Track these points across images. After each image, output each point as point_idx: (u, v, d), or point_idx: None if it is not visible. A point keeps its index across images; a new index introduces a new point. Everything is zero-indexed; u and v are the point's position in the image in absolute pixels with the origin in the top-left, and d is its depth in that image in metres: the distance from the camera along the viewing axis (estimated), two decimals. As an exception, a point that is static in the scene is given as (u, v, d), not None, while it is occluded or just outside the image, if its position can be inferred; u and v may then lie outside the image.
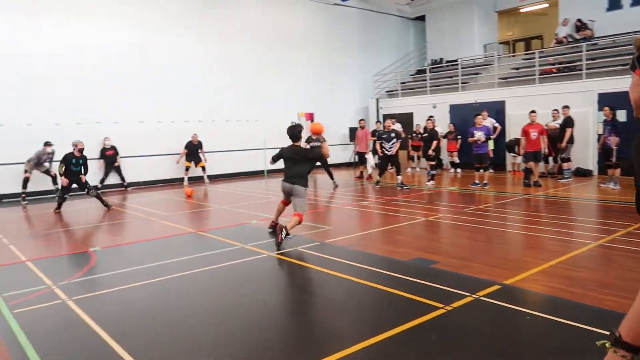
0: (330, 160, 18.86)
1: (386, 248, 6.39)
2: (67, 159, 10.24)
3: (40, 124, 13.04)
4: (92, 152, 13.13)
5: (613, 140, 10.92)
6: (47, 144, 12.42)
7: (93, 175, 13.36)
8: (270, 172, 17.50)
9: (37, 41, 13.03)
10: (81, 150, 10.39)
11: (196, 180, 15.41)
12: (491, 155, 13.11)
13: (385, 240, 6.84)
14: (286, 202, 7.28)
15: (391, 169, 14.15)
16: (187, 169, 15.07)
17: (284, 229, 6.50)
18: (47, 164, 12.56)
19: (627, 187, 10.69)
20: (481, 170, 12.03)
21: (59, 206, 10.41)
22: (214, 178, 16.15)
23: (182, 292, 4.92)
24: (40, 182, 12.82)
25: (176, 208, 10.95)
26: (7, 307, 4.53)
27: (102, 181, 13.98)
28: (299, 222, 6.73)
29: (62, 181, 10.39)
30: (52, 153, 12.54)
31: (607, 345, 1.48)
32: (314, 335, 3.83)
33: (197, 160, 15.16)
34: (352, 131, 18.81)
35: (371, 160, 14.98)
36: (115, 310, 4.43)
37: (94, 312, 4.32)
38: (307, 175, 7.00)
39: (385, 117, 19.11)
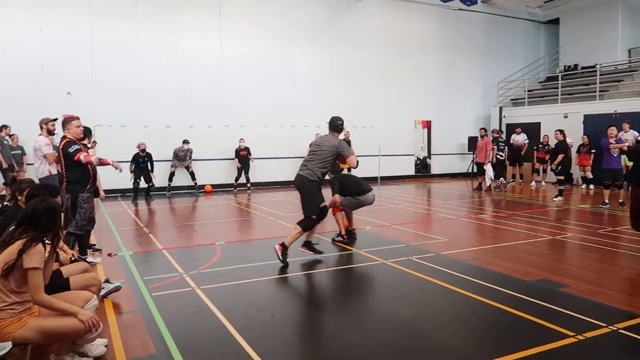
0: (445, 170, 18.52)
1: (507, 265, 6.01)
2: (135, 158, 12.76)
3: (178, 126, 14.48)
4: (228, 153, 14.70)
5: None
6: (185, 142, 14.10)
7: (227, 174, 14.47)
8: (383, 179, 17.44)
9: (203, 51, 14.46)
10: (144, 150, 12.81)
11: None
12: (624, 172, 11.68)
13: (506, 257, 6.44)
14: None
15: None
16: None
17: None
18: (187, 160, 14.19)
19: None
20: (615, 189, 10.78)
21: (136, 197, 12.82)
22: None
23: (300, 291, 5.09)
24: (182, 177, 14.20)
25: (293, 209, 11.37)
26: (147, 290, 5.05)
27: (236, 179, 15.06)
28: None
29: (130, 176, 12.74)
30: (189, 150, 14.11)
31: None
32: (428, 349, 3.72)
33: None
34: (472, 141, 18.07)
35: (490, 171, 14.24)
36: (238, 303, 4.71)
37: (219, 302, 4.64)
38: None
39: (509, 126, 18.12)
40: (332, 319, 4.28)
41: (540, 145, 15.61)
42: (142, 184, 12.91)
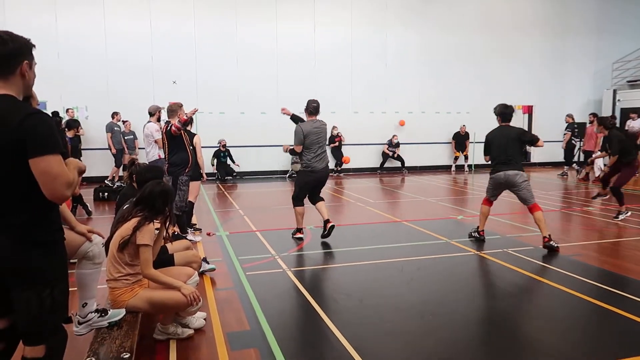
0: (548, 158, 17.27)
1: (616, 263, 5.52)
2: (216, 154, 13.89)
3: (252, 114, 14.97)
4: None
5: None
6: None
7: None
8: (476, 167, 16.72)
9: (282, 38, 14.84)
10: (224, 146, 13.98)
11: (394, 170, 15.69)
12: None
13: (614, 254, 5.92)
14: (491, 202, 6.52)
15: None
16: (455, 158, 16.47)
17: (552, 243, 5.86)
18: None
19: None
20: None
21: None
22: (413, 170, 16.24)
23: (388, 278, 5.06)
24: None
25: (382, 196, 11.31)
26: (242, 269, 5.32)
27: (335, 165, 15.41)
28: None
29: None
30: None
31: None
32: (518, 347, 3.54)
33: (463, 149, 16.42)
34: (580, 127, 16.67)
35: (600, 161, 13.05)
36: (327, 286, 4.81)
37: (309, 285, 4.77)
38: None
39: (623, 111, 16.47)
40: (420, 309, 4.21)
41: (661, 133, 14.00)
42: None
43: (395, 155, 15.80)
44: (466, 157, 16.46)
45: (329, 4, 15.27)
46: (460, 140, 16.41)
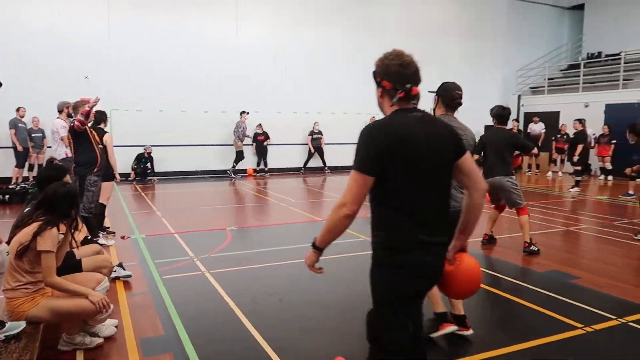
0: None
1: (518, 256, 5.97)
2: (138, 157, 13.28)
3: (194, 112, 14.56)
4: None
5: None
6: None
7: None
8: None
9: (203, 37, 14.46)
10: (149, 154, 13.46)
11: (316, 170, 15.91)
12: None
13: (518, 248, 6.38)
14: (498, 205, 6.44)
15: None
16: None
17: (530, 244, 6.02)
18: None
19: None
20: (638, 180, 10.60)
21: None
22: (335, 169, 16.57)
23: (308, 277, 5.09)
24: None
25: (305, 196, 11.40)
26: (158, 273, 5.14)
27: (258, 164, 15.30)
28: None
29: None
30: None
31: None
32: (439, 339, 3.73)
33: None
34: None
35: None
36: (246, 287, 4.76)
37: (228, 286, 4.70)
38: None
39: (527, 115, 17.82)
40: (341, 306, 4.30)
41: (559, 135, 15.33)
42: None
43: (320, 146, 15.80)
44: None
45: (251, 2, 15.14)
46: None
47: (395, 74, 2.11)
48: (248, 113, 14.54)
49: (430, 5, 18.05)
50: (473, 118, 18.39)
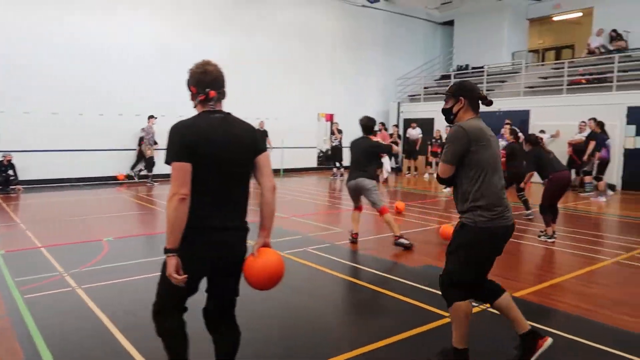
0: (348, 162, 18.84)
1: (397, 253, 6.33)
2: None
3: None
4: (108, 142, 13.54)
5: (597, 155, 11.50)
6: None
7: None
8: (287, 171, 17.51)
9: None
10: (9, 161, 12.05)
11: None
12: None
13: (393, 245, 6.78)
14: (357, 207, 6.96)
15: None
16: None
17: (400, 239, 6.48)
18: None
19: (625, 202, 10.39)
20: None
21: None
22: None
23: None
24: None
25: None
26: (18, 292, 4.62)
27: (133, 167, 14.59)
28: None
29: None
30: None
31: None
32: (317, 337, 3.80)
33: None
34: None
35: (387, 164, 14.90)
36: (122, 302, 4.47)
37: (102, 302, 4.37)
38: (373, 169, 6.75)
39: (406, 121, 19.04)
40: (222, 313, 4.20)
41: (434, 140, 16.59)
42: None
43: None
44: None
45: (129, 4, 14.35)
46: None
47: (198, 81, 2.54)
48: (156, 118, 13.80)
49: (313, 14, 18.54)
50: (356, 121, 19.46)
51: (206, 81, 2.53)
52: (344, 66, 19.50)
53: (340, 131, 16.62)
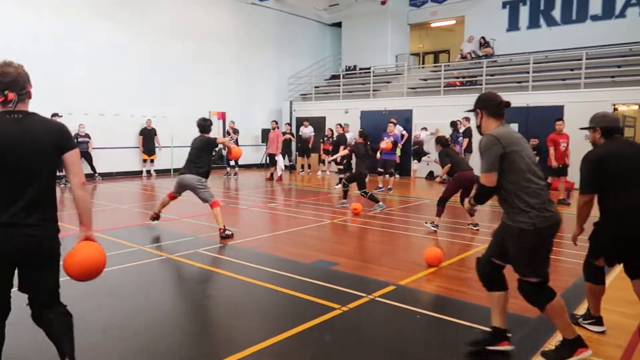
0: (241, 161, 18.72)
1: (291, 250, 6.39)
2: None
3: None
4: None
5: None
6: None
7: None
8: (176, 170, 16.83)
9: None
10: None
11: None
12: (397, 161, 13.70)
13: (290, 242, 6.85)
14: (173, 196, 7.41)
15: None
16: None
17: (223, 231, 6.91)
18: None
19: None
20: (386, 176, 12.48)
21: None
22: (107, 176, 15.32)
23: (72, 295, 4.54)
24: None
25: (69, 206, 10.18)
26: None
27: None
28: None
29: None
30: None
31: None
32: (211, 338, 3.72)
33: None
34: (265, 132, 18.75)
35: (281, 162, 15.02)
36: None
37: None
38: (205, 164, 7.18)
39: (298, 119, 19.32)
40: (106, 324, 3.94)
41: (326, 138, 17.02)
42: None
43: (87, 151, 14.26)
44: (152, 162, 16.26)
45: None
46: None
47: None
48: (62, 116, 12.68)
49: (204, 14, 18.05)
50: (253, 119, 19.37)
51: (4, 82, 2.58)
52: (236, 64, 19.24)
53: (235, 131, 16.36)
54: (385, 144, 11.93)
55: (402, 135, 15.41)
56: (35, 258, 2.67)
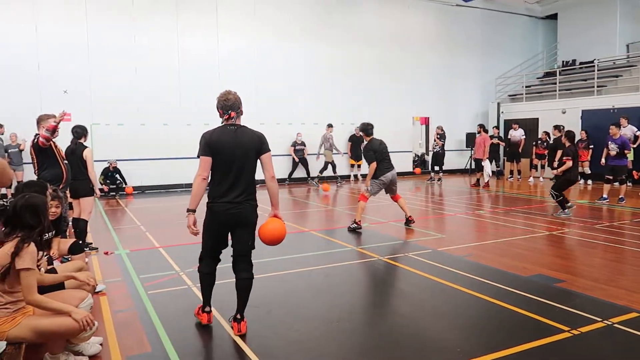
0: (444, 166, 18.35)
1: (503, 261, 6.01)
2: (104, 172, 12.43)
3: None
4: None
5: None
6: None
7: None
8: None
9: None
10: (115, 167, 13.21)
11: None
12: (630, 166, 11.77)
13: (502, 253, 6.44)
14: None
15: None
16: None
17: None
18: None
19: None
20: (615, 184, 10.79)
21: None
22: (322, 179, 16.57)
23: (295, 288, 5.08)
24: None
25: (290, 206, 11.37)
26: (143, 288, 5.05)
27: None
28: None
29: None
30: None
31: None
32: (421, 346, 3.72)
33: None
34: (469, 136, 18.08)
35: (488, 167, 14.25)
36: (234, 300, 4.68)
37: (215, 300, 4.61)
38: None
39: (507, 122, 18.10)
40: (327, 316, 4.27)
41: (539, 141, 15.60)
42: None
43: (305, 156, 15.73)
44: (359, 167, 16.82)
45: (232, 13, 15.16)
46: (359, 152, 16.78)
47: (222, 106, 3.79)
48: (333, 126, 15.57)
49: (408, 20, 18.32)
50: (457, 123, 18.87)
51: (228, 105, 3.75)
52: (439, 68, 19.00)
53: (441, 136, 15.77)
54: (612, 150, 10.49)
55: (637, 137, 13.20)
56: (244, 223, 3.81)
